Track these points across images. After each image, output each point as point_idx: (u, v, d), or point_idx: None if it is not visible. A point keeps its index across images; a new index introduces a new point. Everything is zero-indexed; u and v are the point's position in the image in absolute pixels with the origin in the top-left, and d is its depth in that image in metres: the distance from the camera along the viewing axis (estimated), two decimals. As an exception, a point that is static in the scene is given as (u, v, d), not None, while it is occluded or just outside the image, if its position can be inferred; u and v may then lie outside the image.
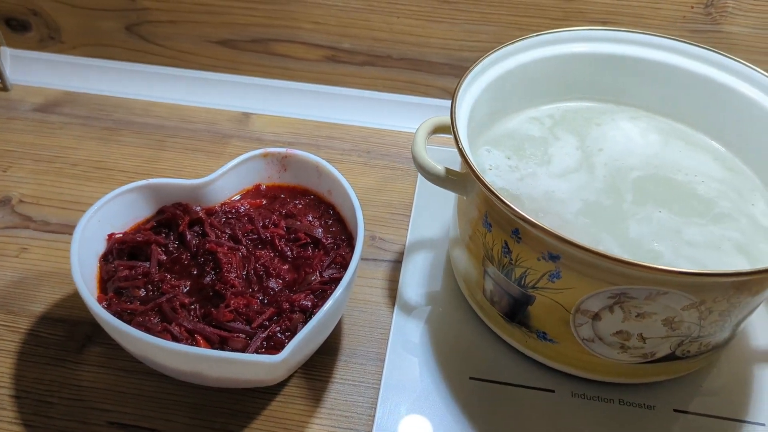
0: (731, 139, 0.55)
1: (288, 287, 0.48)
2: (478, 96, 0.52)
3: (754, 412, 0.49)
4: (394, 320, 0.54)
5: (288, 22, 0.69)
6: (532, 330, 0.48)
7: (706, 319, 0.43)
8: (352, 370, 0.51)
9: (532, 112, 0.59)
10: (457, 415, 0.48)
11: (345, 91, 0.73)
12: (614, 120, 0.57)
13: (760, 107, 0.52)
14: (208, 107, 0.74)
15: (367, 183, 0.67)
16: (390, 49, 0.70)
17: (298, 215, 0.53)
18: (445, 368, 0.51)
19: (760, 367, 0.52)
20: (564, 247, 0.40)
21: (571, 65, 0.57)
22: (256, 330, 0.45)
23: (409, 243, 0.61)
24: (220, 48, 0.73)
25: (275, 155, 0.55)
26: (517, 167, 0.53)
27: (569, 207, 0.49)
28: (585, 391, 0.50)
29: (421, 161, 0.49)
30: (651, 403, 0.49)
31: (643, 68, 0.57)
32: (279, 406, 0.49)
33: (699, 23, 0.63)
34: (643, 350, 0.45)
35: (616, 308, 0.43)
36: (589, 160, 0.53)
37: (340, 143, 0.71)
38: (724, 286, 0.40)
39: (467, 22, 0.66)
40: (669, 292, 0.40)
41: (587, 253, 0.39)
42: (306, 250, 0.51)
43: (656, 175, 0.52)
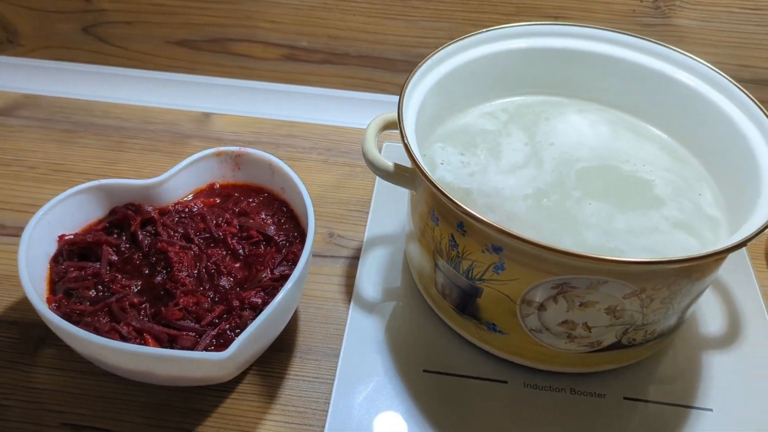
0: (679, 130, 0.56)
1: (239, 285, 0.48)
2: (428, 92, 0.53)
3: (703, 397, 0.50)
4: (350, 316, 0.54)
5: (245, 22, 0.70)
6: (483, 322, 0.48)
7: (648, 307, 0.43)
8: (307, 366, 0.52)
9: (486, 107, 0.59)
10: (411, 408, 0.49)
11: (304, 90, 0.74)
12: (564, 114, 0.58)
13: (704, 98, 0.53)
14: (168, 108, 0.74)
15: (326, 180, 0.67)
16: (347, 46, 0.70)
17: (251, 213, 0.53)
18: (399, 362, 0.52)
19: (710, 354, 0.53)
20: (504, 239, 0.40)
21: (523, 60, 0.58)
22: (205, 328, 0.45)
23: (367, 239, 0.61)
24: (179, 48, 0.73)
25: (228, 154, 0.55)
26: (468, 163, 0.53)
27: (517, 201, 0.49)
28: (537, 382, 0.50)
29: (371, 157, 0.49)
30: (602, 391, 0.50)
31: (593, 61, 0.58)
32: (233, 403, 0.49)
33: (649, 17, 0.64)
34: (589, 339, 0.46)
35: (559, 298, 0.43)
36: (539, 154, 0.54)
37: (301, 141, 0.71)
38: (661, 273, 0.41)
39: (422, 19, 0.67)
40: (609, 281, 0.41)
41: (525, 244, 0.39)
42: (258, 248, 0.51)
43: (604, 167, 0.53)
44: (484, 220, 0.40)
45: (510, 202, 0.49)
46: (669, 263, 0.39)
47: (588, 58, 0.57)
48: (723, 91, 0.52)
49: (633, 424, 0.48)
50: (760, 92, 0.68)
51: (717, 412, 0.49)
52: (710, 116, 0.52)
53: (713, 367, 0.52)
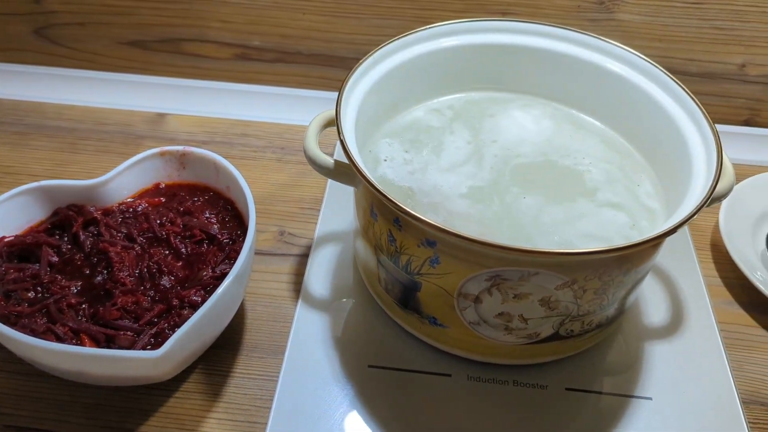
0: (620, 123, 0.56)
1: (180, 284, 0.48)
2: (371, 88, 0.53)
3: (643, 387, 0.51)
4: (297, 313, 0.55)
5: (196, 21, 0.69)
6: (424, 316, 0.49)
7: (581, 298, 0.44)
8: (252, 364, 0.52)
9: (433, 104, 0.60)
10: (355, 404, 0.49)
11: (258, 89, 0.74)
12: (508, 109, 0.58)
13: (643, 92, 0.53)
14: (122, 109, 0.74)
15: (279, 179, 0.67)
16: (299, 45, 0.70)
17: (195, 212, 0.53)
18: (345, 358, 0.52)
19: (651, 344, 0.53)
20: (434, 233, 0.41)
21: (469, 56, 0.58)
22: (144, 327, 0.45)
23: (318, 237, 0.61)
24: (131, 49, 0.73)
25: (173, 153, 0.55)
26: (411, 160, 0.53)
27: (455, 199, 0.50)
28: (480, 374, 0.51)
29: (311, 155, 0.49)
30: (544, 383, 0.51)
31: (538, 57, 0.58)
32: (176, 402, 0.49)
33: (593, 12, 0.65)
34: (527, 331, 0.46)
35: (494, 290, 0.44)
36: (481, 151, 0.54)
37: (255, 140, 0.71)
38: (590, 264, 0.41)
39: (372, 16, 0.67)
40: (540, 272, 0.42)
41: (453, 237, 0.40)
42: (201, 247, 0.51)
43: (544, 161, 0.53)
44: (415, 215, 0.40)
45: (449, 200, 0.50)
46: (589, 254, 0.40)
47: (533, 54, 0.58)
48: (660, 83, 0.53)
49: (574, 415, 0.49)
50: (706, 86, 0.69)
51: (656, 400, 0.50)
52: (648, 109, 0.53)
53: (655, 357, 0.52)
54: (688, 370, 0.52)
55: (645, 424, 0.48)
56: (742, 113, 0.71)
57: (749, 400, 0.50)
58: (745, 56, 0.67)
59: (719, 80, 0.69)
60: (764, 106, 0.71)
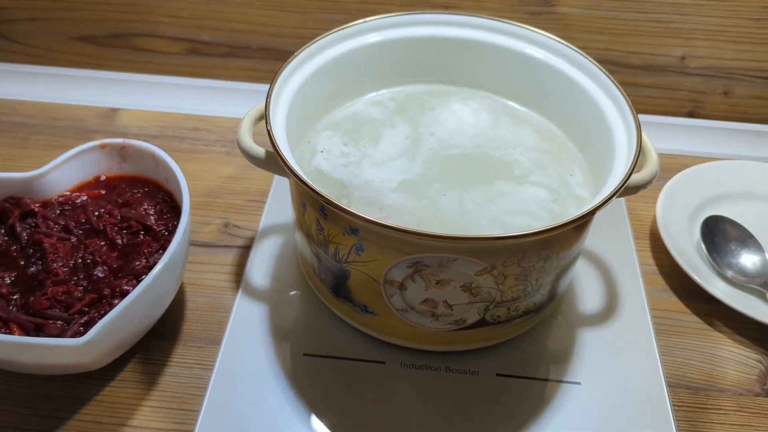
0: (556, 115, 0.57)
1: (114, 274, 0.49)
2: (308, 80, 0.54)
3: (572, 372, 0.52)
4: (237, 303, 0.55)
5: (145, 16, 0.70)
6: (356, 304, 0.50)
7: (503, 284, 0.45)
8: (189, 353, 0.52)
9: (375, 96, 0.60)
10: (289, 391, 0.50)
11: (209, 83, 0.74)
12: (448, 102, 0.59)
13: (575, 83, 0.54)
14: (74, 104, 0.74)
15: (228, 172, 0.68)
16: (248, 39, 0.71)
17: (134, 204, 0.54)
18: (281, 347, 0.53)
19: (584, 330, 0.54)
20: (354, 220, 0.42)
21: (412, 48, 0.59)
22: (74, 316, 0.46)
23: (262, 229, 0.62)
24: (82, 44, 0.73)
25: (113, 146, 0.56)
26: (348, 153, 0.54)
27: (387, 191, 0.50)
28: (414, 361, 0.52)
29: (243, 145, 0.50)
30: (475, 369, 0.51)
31: (478, 50, 0.59)
32: (112, 391, 0.50)
33: (535, 5, 0.66)
34: (453, 317, 0.47)
35: (416, 277, 0.44)
36: (417, 144, 0.54)
37: (206, 134, 0.72)
38: (505, 249, 0.42)
39: (318, 10, 0.68)
40: (458, 258, 0.42)
41: (370, 224, 0.40)
42: (137, 238, 0.52)
43: (477, 153, 0.54)
44: (334, 202, 0.41)
45: (381, 194, 0.50)
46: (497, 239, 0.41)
47: (473, 47, 0.59)
48: (590, 74, 0.53)
49: (504, 400, 0.50)
50: (648, 78, 0.70)
51: (584, 385, 0.51)
52: (580, 99, 0.54)
53: (587, 343, 0.53)
54: (618, 356, 0.53)
55: (572, 409, 0.49)
56: (685, 105, 0.73)
57: (675, 384, 0.51)
58: (684, 49, 0.68)
59: (661, 72, 0.70)
60: (706, 98, 0.72)
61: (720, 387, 0.51)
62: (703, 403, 0.50)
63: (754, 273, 0.57)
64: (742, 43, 0.67)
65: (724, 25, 0.66)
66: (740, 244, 0.59)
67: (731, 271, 0.58)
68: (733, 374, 0.52)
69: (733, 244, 0.59)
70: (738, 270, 0.58)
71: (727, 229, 0.60)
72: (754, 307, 0.55)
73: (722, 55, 0.68)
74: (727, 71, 0.70)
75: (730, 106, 0.72)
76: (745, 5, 0.65)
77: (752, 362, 0.53)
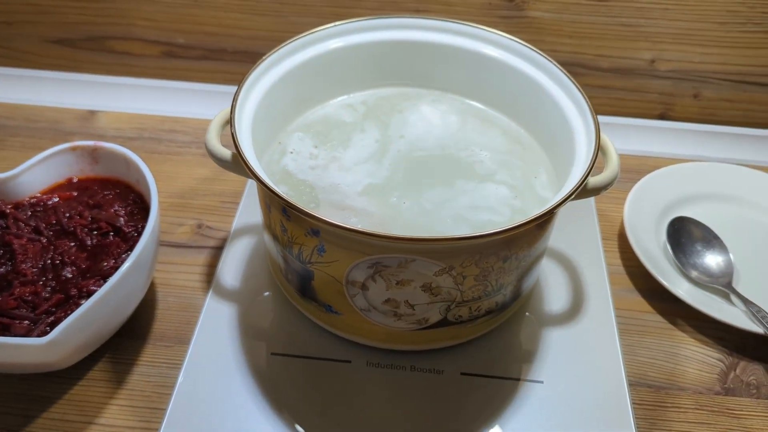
0: (524, 118, 0.58)
1: (82, 275, 0.50)
2: (278, 82, 0.54)
3: (535, 371, 0.52)
4: (207, 303, 0.56)
5: (120, 20, 0.71)
6: (321, 304, 0.50)
7: (462, 284, 0.46)
8: (159, 352, 0.53)
9: (346, 99, 0.61)
10: (255, 390, 0.50)
11: (186, 86, 0.75)
12: (417, 105, 0.60)
13: (542, 88, 0.55)
14: (52, 106, 0.75)
15: (202, 173, 0.69)
16: (223, 42, 0.71)
17: (105, 206, 0.55)
18: (249, 346, 0.53)
19: (549, 330, 0.55)
20: (313, 222, 0.42)
21: (382, 52, 0.60)
22: (40, 316, 0.46)
23: (234, 230, 0.63)
24: (58, 47, 0.74)
25: (85, 148, 0.56)
26: (317, 155, 0.55)
27: (352, 192, 0.51)
28: (379, 360, 0.52)
29: (210, 147, 0.50)
30: (440, 368, 0.52)
31: (447, 54, 0.60)
32: (81, 389, 0.50)
33: (505, 9, 0.66)
34: (415, 317, 0.48)
35: (377, 277, 0.45)
36: (386, 147, 0.55)
37: (182, 136, 0.73)
38: (462, 250, 0.43)
39: (291, 14, 0.68)
40: (416, 259, 0.43)
41: (328, 225, 0.41)
42: (107, 239, 0.52)
43: (444, 155, 0.55)
44: (294, 204, 0.42)
45: (347, 197, 0.51)
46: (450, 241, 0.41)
47: (442, 50, 0.59)
48: (555, 78, 0.54)
49: (467, 398, 0.51)
50: (618, 81, 0.71)
51: (547, 383, 0.52)
52: (545, 102, 0.55)
53: (551, 342, 0.54)
54: (582, 355, 0.54)
55: (533, 407, 0.50)
56: (656, 107, 0.74)
57: (636, 383, 0.52)
58: (653, 52, 0.69)
59: (630, 75, 0.71)
60: (677, 101, 0.73)
61: (681, 386, 0.52)
62: (663, 402, 0.51)
63: (718, 273, 0.58)
64: (709, 47, 0.68)
65: (691, 28, 0.67)
66: (705, 245, 0.60)
67: (696, 271, 0.58)
68: (694, 373, 0.53)
69: (698, 245, 0.60)
70: (702, 270, 0.58)
71: (692, 230, 0.61)
72: (717, 308, 0.55)
73: (690, 58, 0.69)
74: (696, 74, 0.71)
75: (701, 109, 0.73)
76: (711, 9, 0.66)
77: (714, 361, 0.54)
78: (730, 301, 0.57)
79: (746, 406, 0.51)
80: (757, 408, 0.51)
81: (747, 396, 0.52)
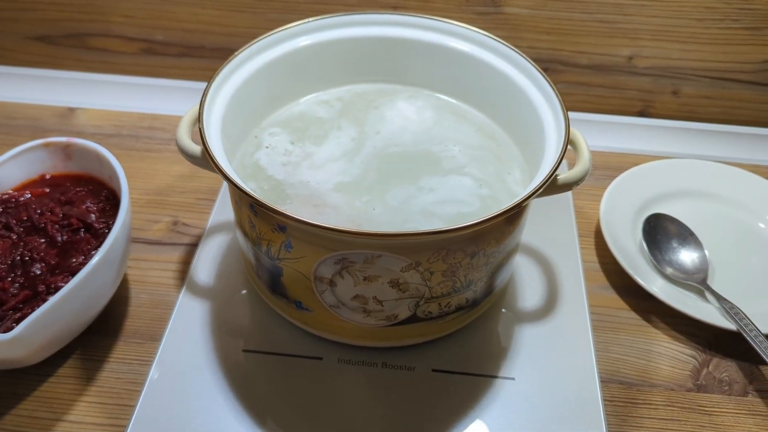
0: (499, 114, 0.58)
1: (51, 271, 0.50)
2: (249, 78, 0.54)
3: (507, 367, 0.52)
4: (179, 300, 0.56)
5: (98, 16, 0.70)
6: (291, 300, 0.50)
7: (430, 280, 0.46)
8: (130, 349, 0.53)
9: (322, 95, 0.61)
10: (226, 387, 0.50)
11: (165, 83, 0.75)
12: (393, 101, 0.60)
13: (516, 84, 0.55)
14: (32, 103, 0.75)
15: (180, 170, 0.68)
16: (202, 39, 0.71)
17: (77, 202, 0.54)
18: (221, 343, 0.53)
19: (522, 327, 0.55)
20: (279, 217, 0.42)
21: (358, 48, 0.59)
22: (7, 312, 0.46)
23: (210, 227, 0.62)
24: (38, 44, 0.73)
25: (57, 145, 0.56)
26: (292, 150, 0.55)
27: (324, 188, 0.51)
28: (351, 357, 0.52)
29: (180, 143, 0.50)
30: (412, 364, 0.52)
31: (424, 50, 0.59)
32: (50, 386, 0.50)
33: (482, 5, 0.66)
34: (384, 313, 0.48)
35: (344, 273, 0.45)
36: (361, 143, 0.55)
37: (161, 133, 0.72)
38: (427, 246, 0.43)
39: (269, 11, 0.68)
40: (382, 255, 0.43)
41: (293, 221, 0.41)
42: (77, 235, 0.52)
43: (418, 151, 0.54)
44: (257, 198, 0.42)
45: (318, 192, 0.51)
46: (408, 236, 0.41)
47: (419, 47, 0.59)
48: (527, 74, 0.54)
49: (438, 395, 0.50)
50: (597, 77, 0.71)
51: (518, 380, 0.51)
52: (519, 99, 0.54)
53: (524, 339, 0.54)
54: (554, 352, 0.53)
55: (504, 404, 0.50)
56: (635, 104, 0.73)
57: (608, 379, 0.52)
58: (631, 48, 0.69)
59: (609, 72, 0.71)
60: (656, 98, 0.73)
61: (652, 382, 0.52)
62: (634, 398, 0.51)
63: (692, 270, 0.58)
64: (687, 43, 0.68)
65: (669, 25, 0.67)
66: (681, 242, 0.60)
67: (671, 268, 0.58)
68: (666, 370, 0.53)
69: (674, 242, 0.60)
70: (677, 267, 0.58)
71: (668, 227, 0.61)
72: (691, 304, 0.55)
73: (669, 55, 0.69)
74: (675, 71, 0.71)
75: (680, 106, 0.73)
76: (688, 5, 0.66)
77: (686, 358, 0.54)
78: (705, 298, 0.57)
79: (718, 403, 0.51)
80: (729, 405, 0.51)
81: (719, 393, 0.52)
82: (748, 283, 0.58)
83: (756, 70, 0.69)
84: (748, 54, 0.69)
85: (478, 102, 0.59)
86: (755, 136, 0.73)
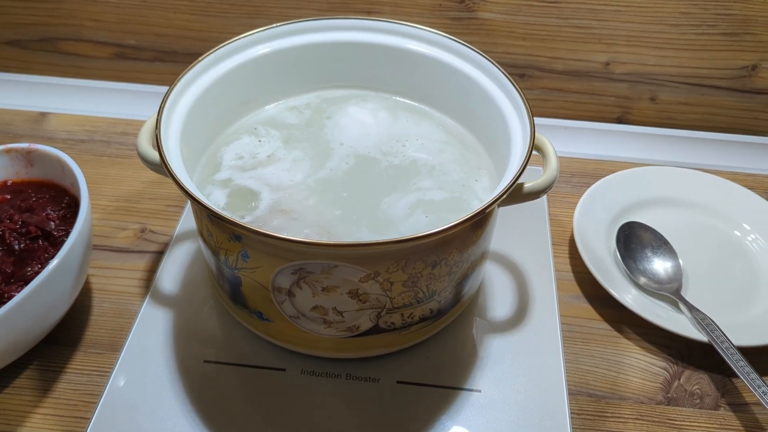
0: (469, 120, 0.57)
1: (6, 280, 0.49)
2: (213, 84, 0.53)
3: (473, 379, 0.51)
4: (142, 310, 0.55)
5: (69, 20, 0.70)
6: (252, 311, 0.49)
7: (390, 291, 0.44)
8: (89, 359, 0.52)
9: (292, 101, 0.60)
10: (184, 399, 0.49)
11: (138, 87, 0.74)
12: (363, 108, 0.59)
13: (484, 89, 0.54)
14: (2, 108, 0.74)
15: (151, 177, 0.67)
16: (174, 44, 0.70)
17: (37, 209, 0.53)
18: (183, 353, 0.52)
19: (491, 337, 0.54)
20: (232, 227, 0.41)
21: (327, 53, 0.59)
22: (-42, 322, 0.45)
23: (177, 234, 0.61)
24: (9, 48, 0.73)
25: (19, 151, 0.55)
26: (258, 155, 0.54)
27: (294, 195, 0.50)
28: (314, 368, 0.51)
29: (140, 150, 0.49)
30: (376, 376, 0.51)
31: (394, 56, 0.58)
32: (5, 398, 0.49)
33: (455, 11, 0.65)
34: (345, 324, 0.47)
35: (302, 284, 0.44)
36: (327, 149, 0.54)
37: (132, 139, 0.71)
38: (384, 255, 0.42)
39: (240, 15, 0.67)
40: (338, 265, 0.42)
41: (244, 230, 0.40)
42: (36, 243, 0.51)
43: (387, 156, 0.53)
44: (211, 208, 0.41)
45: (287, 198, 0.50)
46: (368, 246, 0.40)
47: (388, 52, 0.58)
48: (497, 81, 0.53)
49: (403, 407, 0.49)
50: (574, 83, 0.70)
51: (484, 392, 0.50)
52: (487, 104, 0.53)
53: (492, 350, 0.53)
54: (523, 363, 0.52)
55: (469, 417, 0.49)
56: (613, 111, 0.72)
57: (577, 392, 0.51)
58: (607, 54, 0.68)
59: (586, 78, 0.70)
60: (634, 104, 0.72)
61: (622, 395, 0.51)
62: (603, 411, 0.50)
63: (666, 280, 0.57)
64: (663, 49, 0.67)
65: (644, 31, 0.66)
66: (654, 251, 0.59)
67: (644, 277, 0.57)
68: (637, 382, 0.52)
69: (648, 251, 0.59)
70: (651, 277, 0.57)
71: (642, 235, 0.60)
72: (664, 315, 0.54)
73: (645, 60, 0.68)
74: (652, 77, 0.70)
75: (658, 112, 0.72)
76: (664, 11, 0.65)
77: (658, 370, 0.53)
78: (679, 309, 0.56)
79: (688, 416, 0.50)
80: (700, 418, 0.50)
81: (690, 406, 0.51)
82: (723, 293, 0.57)
83: (734, 76, 0.69)
84: (725, 60, 0.68)
85: (448, 108, 0.58)
86: (733, 143, 0.72)
